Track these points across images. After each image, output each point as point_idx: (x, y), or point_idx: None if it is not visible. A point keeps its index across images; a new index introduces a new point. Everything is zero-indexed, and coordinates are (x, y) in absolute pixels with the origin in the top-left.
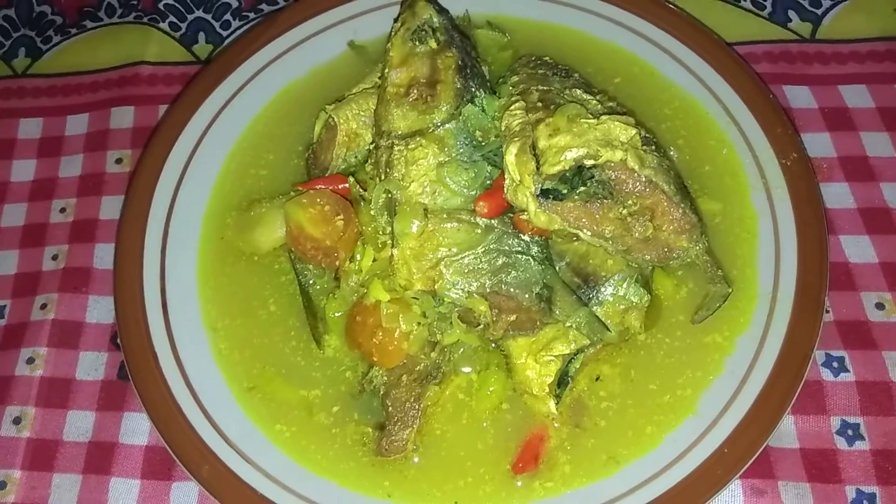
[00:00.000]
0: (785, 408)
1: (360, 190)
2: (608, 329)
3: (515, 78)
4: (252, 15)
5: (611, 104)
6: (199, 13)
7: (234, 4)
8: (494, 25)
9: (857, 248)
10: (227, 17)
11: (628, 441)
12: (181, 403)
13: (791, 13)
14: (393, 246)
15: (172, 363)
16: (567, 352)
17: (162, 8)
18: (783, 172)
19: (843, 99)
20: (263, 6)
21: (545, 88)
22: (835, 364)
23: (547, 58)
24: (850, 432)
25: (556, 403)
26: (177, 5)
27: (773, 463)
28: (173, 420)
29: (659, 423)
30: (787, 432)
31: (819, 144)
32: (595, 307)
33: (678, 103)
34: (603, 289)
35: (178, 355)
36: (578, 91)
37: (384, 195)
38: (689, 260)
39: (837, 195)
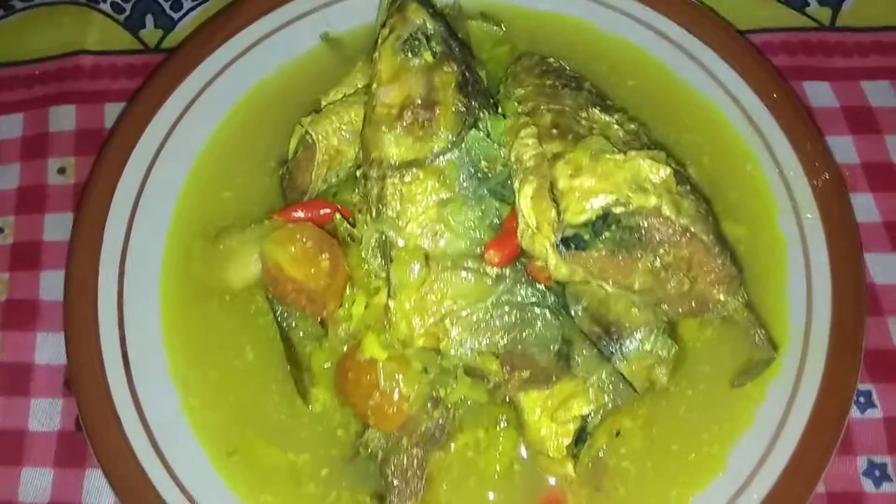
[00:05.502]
0: (825, 463)
1: (349, 227)
2: (634, 389)
3: (521, 91)
4: None
5: (632, 126)
6: None
7: None
8: (488, 16)
9: (884, 268)
10: None
11: None
12: (151, 476)
13: None
14: (389, 296)
15: (139, 427)
16: (586, 412)
17: None
18: (814, 196)
19: (867, 97)
20: None
21: (558, 108)
22: (861, 399)
23: (551, 59)
24: (877, 473)
25: (574, 464)
26: None
27: None
28: (144, 496)
29: (685, 485)
30: None
31: (841, 149)
32: (619, 362)
33: (698, 111)
34: (627, 342)
35: (144, 417)
36: (596, 111)
37: (377, 236)
38: (724, 314)
39: (862, 207)
